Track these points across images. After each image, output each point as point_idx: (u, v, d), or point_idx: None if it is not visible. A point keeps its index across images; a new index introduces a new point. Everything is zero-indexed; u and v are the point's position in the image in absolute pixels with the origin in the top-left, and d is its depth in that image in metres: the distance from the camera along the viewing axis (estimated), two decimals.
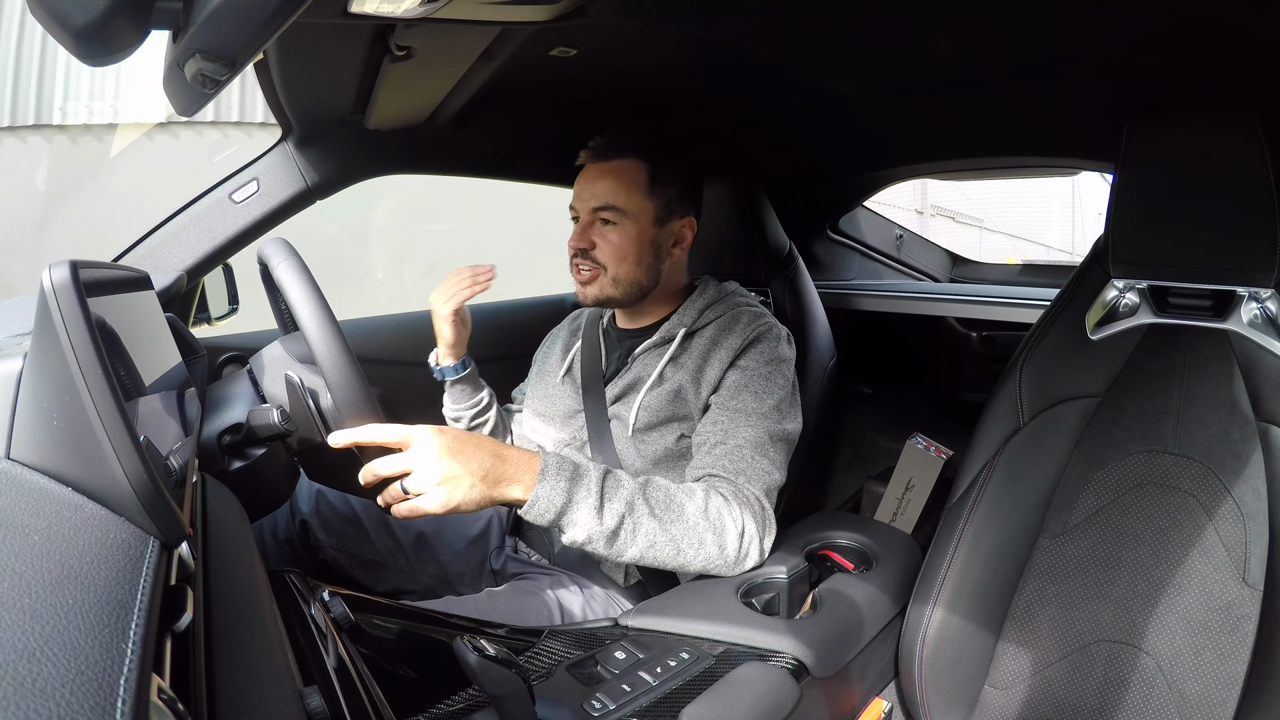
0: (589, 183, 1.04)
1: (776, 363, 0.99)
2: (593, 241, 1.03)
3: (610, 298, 1.05)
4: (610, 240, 1.03)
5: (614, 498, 0.81)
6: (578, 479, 0.80)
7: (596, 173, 1.04)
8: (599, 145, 1.05)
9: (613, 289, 1.04)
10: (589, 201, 1.03)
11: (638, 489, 0.83)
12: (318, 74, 0.93)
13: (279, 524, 1.10)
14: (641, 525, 0.81)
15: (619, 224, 1.03)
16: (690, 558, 0.83)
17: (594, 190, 1.03)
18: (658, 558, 0.82)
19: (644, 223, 1.03)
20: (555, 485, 0.78)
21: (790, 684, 0.73)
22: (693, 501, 0.84)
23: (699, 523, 0.83)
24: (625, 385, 1.05)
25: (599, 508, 0.79)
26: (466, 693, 0.65)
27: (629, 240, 1.03)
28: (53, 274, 0.42)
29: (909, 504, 1.31)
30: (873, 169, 1.66)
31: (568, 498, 0.78)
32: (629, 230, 1.03)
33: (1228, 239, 0.86)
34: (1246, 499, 0.84)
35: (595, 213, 1.03)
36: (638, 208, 1.03)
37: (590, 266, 1.04)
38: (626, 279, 1.04)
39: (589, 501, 0.79)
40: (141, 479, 0.39)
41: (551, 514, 0.78)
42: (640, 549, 0.81)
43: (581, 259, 1.04)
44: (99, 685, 0.26)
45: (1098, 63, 0.96)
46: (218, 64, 0.46)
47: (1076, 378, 0.95)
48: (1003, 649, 0.93)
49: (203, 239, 1.09)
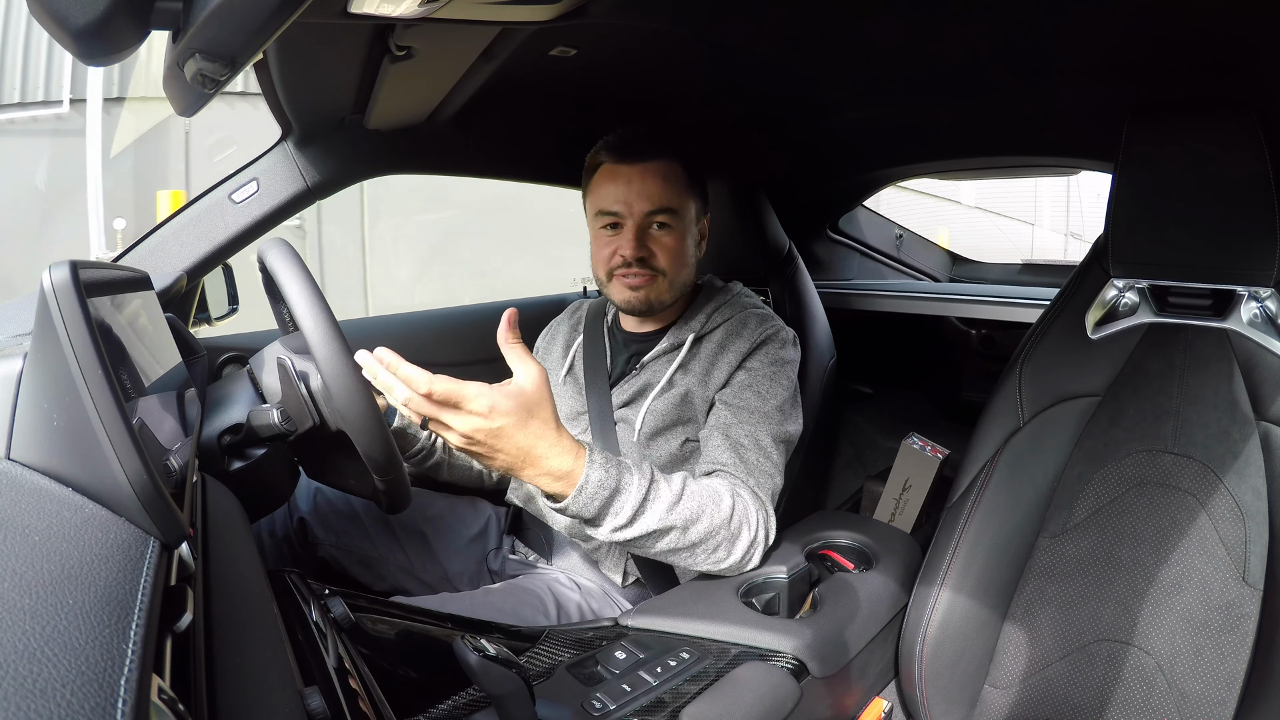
0: (634, 184, 0.98)
1: (781, 364, 0.99)
2: (650, 249, 0.99)
3: (664, 303, 1.03)
4: (667, 245, 0.99)
5: (644, 514, 0.78)
6: (614, 498, 0.76)
7: (639, 174, 0.98)
8: (630, 144, 1.00)
9: (668, 294, 1.02)
10: (641, 205, 0.98)
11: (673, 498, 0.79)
12: (318, 74, 0.93)
13: (277, 522, 1.10)
14: (664, 538, 0.80)
15: (674, 227, 1.00)
16: (701, 560, 0.84)
17: (645, 192, 0.98)
18: (671, 559, 0.84)
19: (690, 222, 1.03)
20: (590, 503, 0.75)
21: (790, 684, 0.74)
22: (721, 509, 0.82)
23: (721, 529, 0.83)
24: (634, 391, 1.04)
25: (628, 522, 0.77)
26: (466, 693, 0.65)
27: (682, 243, 1.01)
28: (53, 274, 0.42)
29: (907, 504, 1.31)
30: (873, 169, 1.66)
31: (597, 515, 0.76)
32: (680, 232, 1.00)
33: (1227, 238, 0.86)
34: (1246, 498, 0.84)
35: (649, 216, 0.98)
36: (686, 207, 1.01)
37: (648, 275, 0.99)
38: (682, 283, 1.03)
39: (614, 521, 0.77)
40: (141, 479, 0.39)
41: (576, 523, 0.79)
42: (658, 551, 0.82)
43: (639, 267, 0.98)
44: (99, 685, 0.26)
45: (1097, 63, 0.96)
46: (218, 64, 0.46)
47: (1076, 377, 0.95)
48: (1003, 648, 0.93)
49: (203, 239, 1.09)
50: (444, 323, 1.58)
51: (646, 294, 1.00)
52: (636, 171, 0.99)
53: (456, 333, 1.55)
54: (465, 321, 1.60)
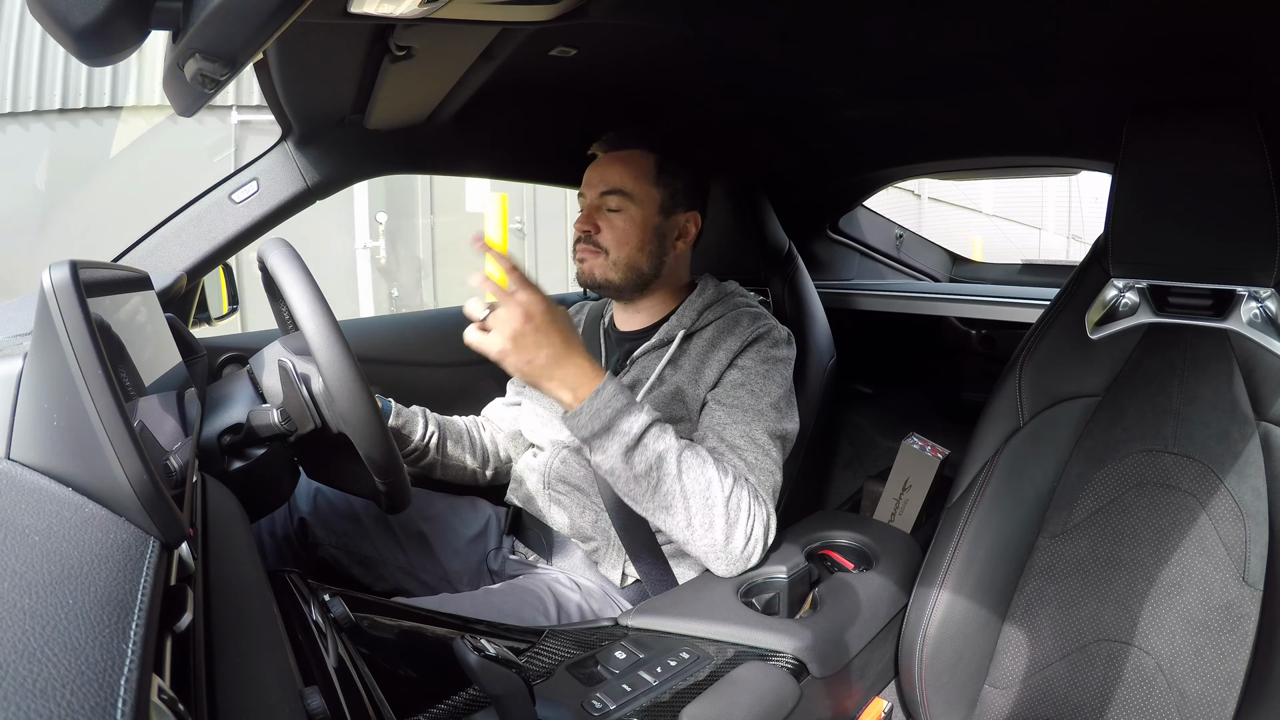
0: (598, 169, 1.07)
1: (774, 362, 1.00)
2: (597, 225, 1.05)
3: (609, 281, 1.06)
4: (614, 224, 1.05)
5: (647, 448, 0.83)
6: (622, 416, 0.83)
7: (606, 161, 1.07)
8: (611, 137, 1.08)
9: (612, 272, 1.05)
10: (597, 186, 1.06)
11: (676, 450, 0.85)
12: (318, 74, 0.93)
13: (277, 522, 1.10)
14: (664, 484, 0.83)
15: (624, 209, 1.04)
16: (698, 536, 0.85)
17: (603, 175, 1.06)
18: (668, 521, 0.85)
19: (649, 210, 1.05)
20: (601, 413, 0.82)
21: (790, 684, 0.74)
22: (723, 483, 0.85)
23: (718, 504, 0.84)
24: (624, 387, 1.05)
25: (632, 447, 0.82)
26: (466, 693, 0.65)
27: (633, 225, 1.04)
28: (53, 274, 0.42)
29: (907, 504, 1.31)
30: (873, 168, 1.66)
31: (606, 427, 0.82)
32: (634, 215, 1.04)
33: (1227, 238, 0.86)
34: (1246, 498, 0.84)
35: (602, 197, 1.05)
36: (644, 194, 1.05)
37: (593, 249, 1.05)
38: (627, 263, 1.05)
39: (621, 442, 0.82)
40: (141, 479, 0.39)
41: (586, 434, 0.83)
42: (653, 509, 0.84)
43: (585, 242, 1.06)
44: (99, 686, 0.26)
45: (1097, 62, 0.96)
46: (218, 64, 0.46)
47: (1076, 377, 0.95)
48: (1003, 648, 0.93)
49: (203, 239, 1.09)
50: (444, 323, 1.58)
51: (591, 268, 1.06)
52: (608, 158, 1.08)
53: (455, 333, 1.54)
54: (464, 322, 1.59)
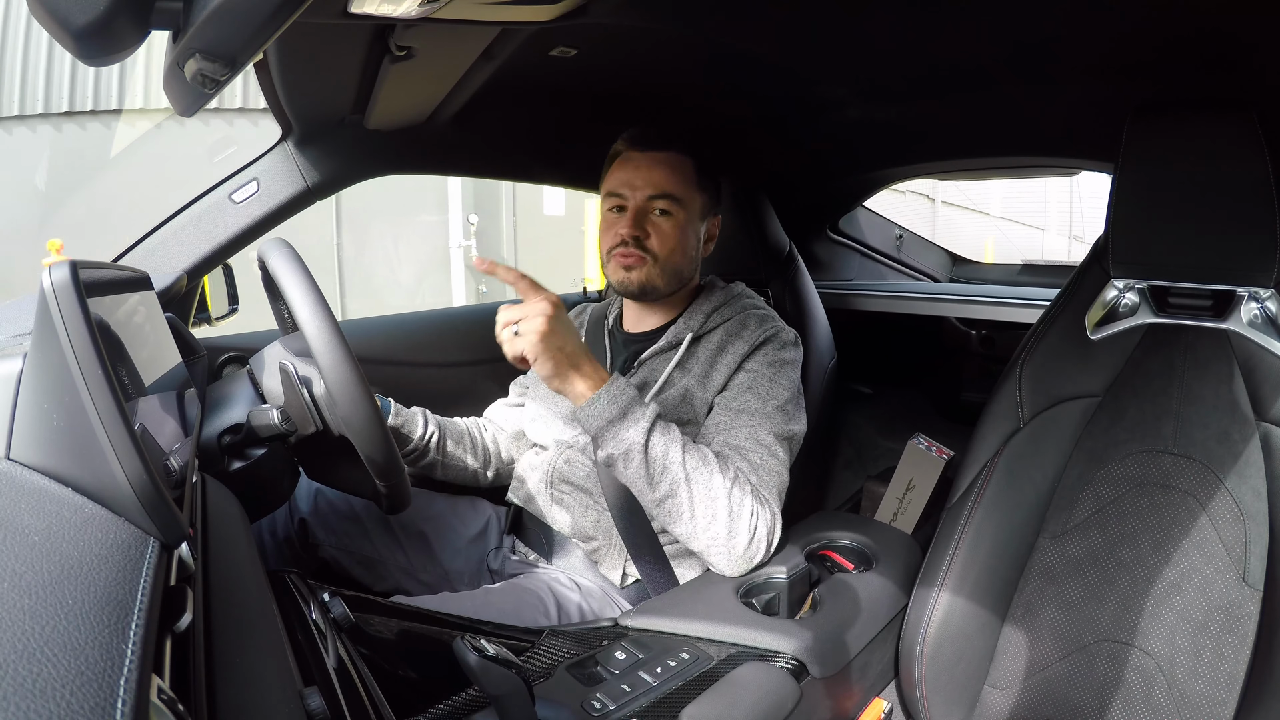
0: (641, 170, 1.03)
1: (781, 364, 1.00)
2: (646, 230, 1.03)
3: (655, 287, 1.05)
4: (663, 229, 1.03)
5: (659, 433, 0.87)
6: (636, 403, 0.87)
7: (648, 161, 1.03)
8: (646, 135, 1.05)
9: (659, 278, 1.04)
10: (644, 189, 1.03)
11: (680, 439, 0.88)
12: (318, 74, 0.93)
13: (278, 523, 1.10)
14: (671, 469, 0.85)
15: (674, 214, 1.03)
16: (701, 529, 0.86)
17: (650, 178, 1.03)
18: (672, 511, 0.86)
19: (694, 214, 1.05)
20: (618, 398, 0.86)
21: (790, 684, 0.74)
22: (725, 476, 0.87)
23: (720, 497, 0.85)
24: None
25: (644, 431, 0.85)
26: (466, 693, 0.65)
27: (680, 230, 1.04)
28: (53, 274, 0.42)
29: (909, 504, 1.31)
30: (873, 169, 1.66)
31: (621, 413, 0.86)
32: (680, 220, 1.04)
33: (1227, 239, 0.86)
34: (1246, 499, 0.84)
35: (651, 201, 1.03)
36: (690, 198, 1.05)
37: (639, 255, 1.03)
38: (673, 269, 1.05)
39: (638, 424, 0.86)
40: (141, 479, 0.39)
41: (601, 421, 0.86)
42: (660, 494, 0.86)
43: (631, 246, 1.03)
44: (99, 686, 0.26)
45: (1097, 63, 0.96)
46: (218, 64, 0.46)
47: (1076, 378, 0.95)
48: (1003, 649, 0.93)
49: (203, 239, 1.09)
50: (444, 323, 1.58)
51: (637, 275, 1.03)
52: (646, 159, 1.04)
53: (456, 333, 1.55)
54: (465, 322, 1.60)
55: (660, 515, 0.88)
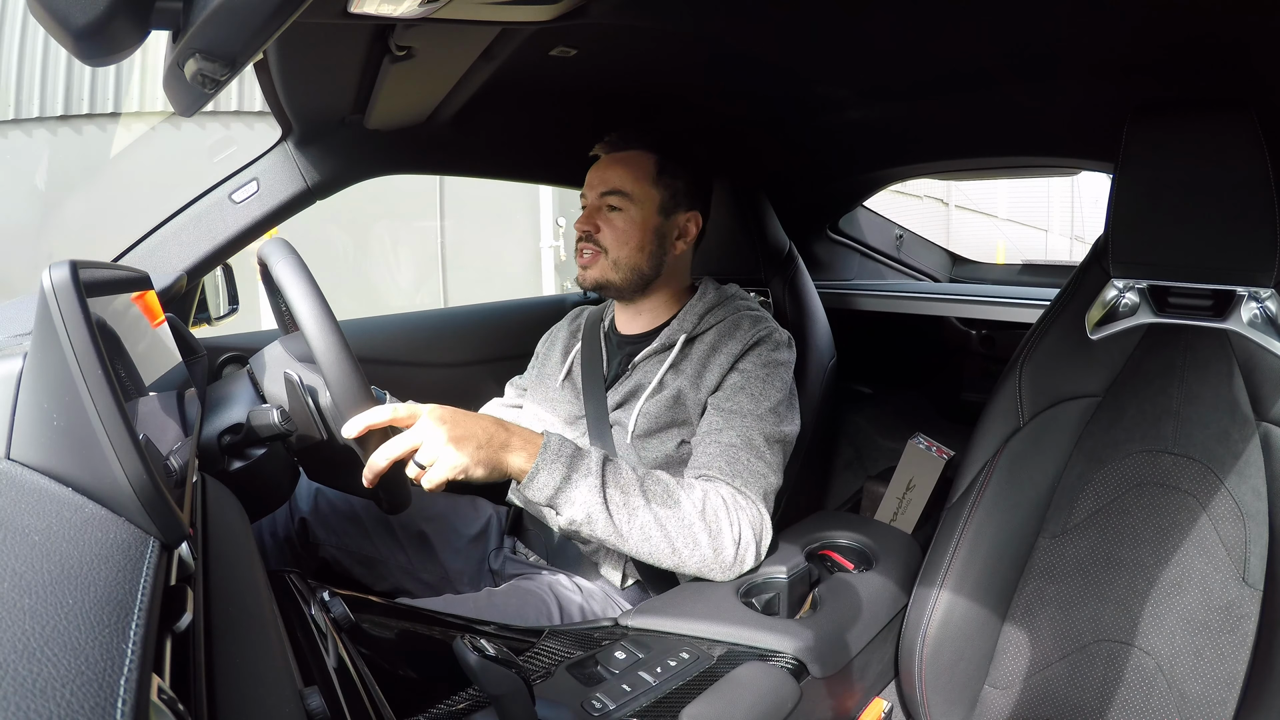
0: (599, 171, 1.08)
1: (774, 365, 1.00)
2: (597, 225, 1.05)
3: (610, 282, 1.06)
4: (614, 224, 1.05)
5: (612, 483, 0.82)
6: (578, 458, 0.82)
7: (607, 162, 1.07)
8: (612, 138, 1.08)
9: (613, 273, 1.06)
10: (597, 187, 1.06)
11: (637, 479, 0.84)
12: (318, 74, 0.93)
13: (278, 523, 1.10)
14: (638, 515, 0.82)
15: (624, 209, 1.05)
16: (685, 557, 0.84)
17: (603, 176, 1.06)
18: (653, 553, 0.83)
19: (649, 210, 1.05)
20: (556, 461, 0.80)
21: (790, 684, 0.74)
22: (690, 499, 0.85)
23: (695, 521, 0.83)
24: (626, 392, 1.05)
25: (598, 489, 0.81)
26: (466, 693, 0.65)
27: (633, 225, 1.05)
28: (53, 274, 0.42)
29: (909, 504, 1.31)
30: (873, 169, 1.66)
31: (566, 475, 0.80)
32: (633, 216, 1.05)
33: (1227, 238, 0.86)
34: (1246, 499, 0.84)
35: (602, 198, 1.06)
36: (643, 194, 1.05)
37: (593, 250, 1.06)
38: (627, 263, 1.05)
39: (587, 482, 0.80)
40: (141, 479, 0.39)
41: (550, 490, 0.80)
42: (636, 541, 0.82)
43: (585, 242, 1.06)
44: (99, 685, 0.26)
45: (1097, 62, 0.96)
46: (218, 64, 0.46)
47: (1076, 377, 0.95)
48: (1003, 649, 0.93)
49: (203, 239, 1.09)
50: (443, 323, 1.58)
51: (593, 271, 1.06)
52: (608, 160, 1.08)
53: (455, 333, 1.55)
54: (464, 322, 1.60)
55: (643, 559, 0.85)
